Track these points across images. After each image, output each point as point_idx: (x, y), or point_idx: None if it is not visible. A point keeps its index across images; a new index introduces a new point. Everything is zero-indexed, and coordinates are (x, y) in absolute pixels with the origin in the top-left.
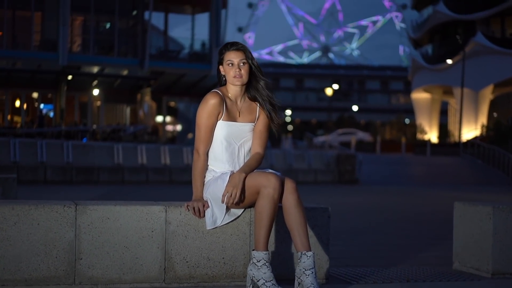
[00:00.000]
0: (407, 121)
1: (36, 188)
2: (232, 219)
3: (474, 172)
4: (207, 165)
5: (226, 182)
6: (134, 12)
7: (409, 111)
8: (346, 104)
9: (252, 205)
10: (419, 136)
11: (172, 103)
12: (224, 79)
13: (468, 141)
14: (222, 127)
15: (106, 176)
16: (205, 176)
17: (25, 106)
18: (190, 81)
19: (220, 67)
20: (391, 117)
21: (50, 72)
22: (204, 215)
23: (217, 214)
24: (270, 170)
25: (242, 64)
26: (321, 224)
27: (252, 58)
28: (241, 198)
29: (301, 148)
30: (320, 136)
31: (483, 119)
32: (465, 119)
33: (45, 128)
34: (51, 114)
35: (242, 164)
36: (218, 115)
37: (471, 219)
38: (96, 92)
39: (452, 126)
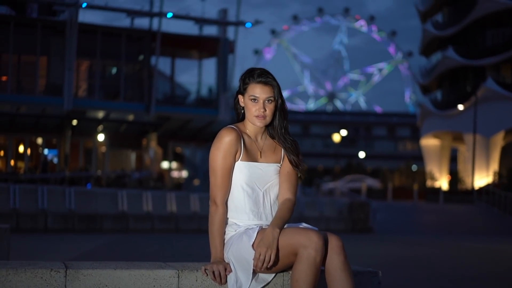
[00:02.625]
0: (414, 167)
1: (34, 238)
2: (261, 286)
3: (491, 220)
4: (227, 218)
5: (253, 239)
6: (141, 57)
7: (416, 157)
8: (352, 150)
9: (286, 268)
10: (429, 183)
11: (178, 149)
12: (242, 111)
13: (482, 188)
14: (241, 169)
15: (109, 224)
16: (225, 232)
17: (29, 151)
18: (196, 127)
19: (240, 96)
20: (398, 164)
21: (55, 117)
22: (226, 281)
23: (242, 280)
24: (305, 224)
25: (268, 102)
26: None
27: (280, 95)
28: (275, 261)
29: (310, 195)
30: (327, 182)
31: (494, 165)
32: (477, 166)
33: (48, 173)
34: (55, 159)
35: (269, 214)
36: (236, 155)
37: None
38: (101, 137)
39: (462, 173)
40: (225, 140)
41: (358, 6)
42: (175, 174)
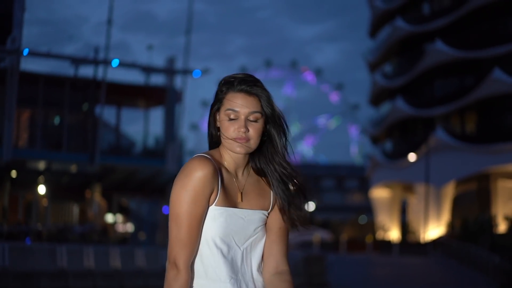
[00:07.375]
0: (363, 219)
1: None
2: None
3: (450, 272)
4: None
5: None
6: (85, 106)
7: (364, 209)
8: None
9: None
10: (380, 234)
11: (124, 201)
12: (218, 133)
13: (437, 240)
14: (216, 218)
15: (47, 283)
16: None
17: None
18: (142, 178)
19: (216, 113)
20: (346, 215)
21: None
22: None
23: None
24: None
25: (252, 119)
26: None
27: (273, 107)
28: None
29: None
30: None
31: (446, 216)
32: (428, 216)
33: None
34: None
35: (250, 283)
36: (210, 197)
37: None
38: (42, 189)
39: (412, 224)
40: (196, 176)
41: (306, 59)
42: (120, 227)
